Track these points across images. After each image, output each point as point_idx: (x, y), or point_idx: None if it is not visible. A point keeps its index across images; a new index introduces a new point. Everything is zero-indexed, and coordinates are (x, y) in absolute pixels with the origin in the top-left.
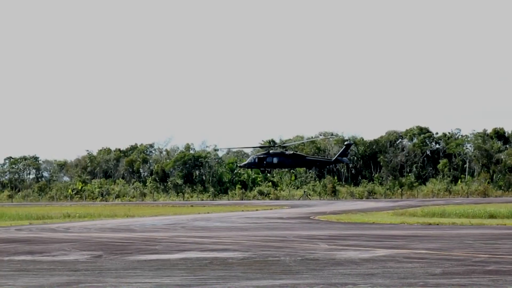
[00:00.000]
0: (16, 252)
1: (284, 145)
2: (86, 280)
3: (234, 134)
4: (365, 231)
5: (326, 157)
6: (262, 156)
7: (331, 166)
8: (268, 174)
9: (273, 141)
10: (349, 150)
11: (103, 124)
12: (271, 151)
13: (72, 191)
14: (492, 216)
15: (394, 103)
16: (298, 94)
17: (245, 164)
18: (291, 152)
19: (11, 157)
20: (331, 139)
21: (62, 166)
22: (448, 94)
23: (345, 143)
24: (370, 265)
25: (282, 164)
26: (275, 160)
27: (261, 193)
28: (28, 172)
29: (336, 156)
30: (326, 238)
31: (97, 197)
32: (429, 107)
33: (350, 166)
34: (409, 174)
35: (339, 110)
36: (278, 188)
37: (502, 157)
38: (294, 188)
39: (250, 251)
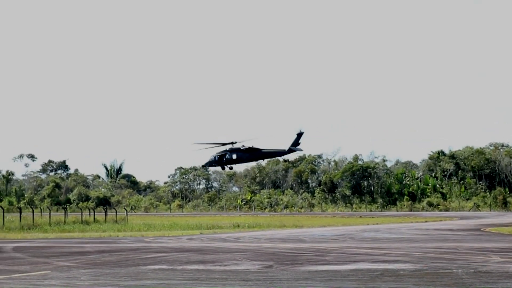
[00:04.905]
0: (188, 261)
1: (243, 141)
2: None
3: (401, 145)
4: None
5: (280, 148)
6: (221, 153)
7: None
8: (437, 186)
9: (442, 152)
10: (301, 139)
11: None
12: (228, 148)
13: (241, 201)
14: None
15: None
16: (468, 105)
17: (207, 163)
18: (247, 147)
19: (181, 168)
20: (501, 150)
21: (232, 176)
22: None
23: (297, 132)
24: None
25: (240, 159)
26: (233, 156)
27: (430, 204)
28: (198, 182)
29: (290, 145)
30: (499, 250)
31: (265, 207)
32: None
33: None
34: None
35: (509, 120)
36: (448, 199)
37: None
38: (463, 199)
39: (421, 263)
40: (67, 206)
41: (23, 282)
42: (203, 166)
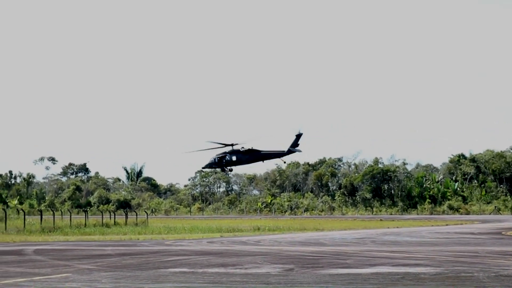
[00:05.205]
0: (209, 265)
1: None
2: None
3: (421, 149)
4: None
5: (279, 149)
6: (221, 155)
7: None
8: (458, 189)
9: (463, 155)
10: (300, 140)
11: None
12: (228, 150)
13: (262, 204)
14: None
15: None
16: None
17: (207, 165)
18: (247, 148)
19: (202, 171)
20: None
21: (252, 179)
22: None
23: (296, 133)
24: None
25: (240, 161)
26: (233, 158)
27: (450, 207)
28: (218, 185)
29: (289, 147)
30: None
31: (286, 211)
32: None
33: None
34: None
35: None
36: (468, 202)
37: None
38: (484, 203)
39: (442, 266)
40: (88, 209)
41: (44, 285)
42: (203, 167)
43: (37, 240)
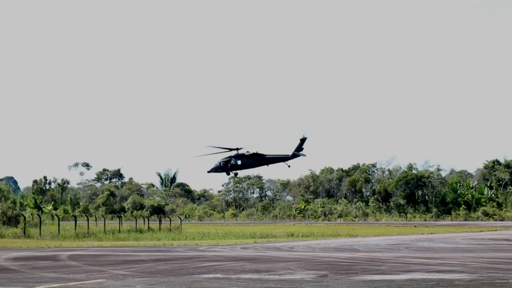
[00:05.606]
0: (243, 270)
1: (248, 147)
2: None
3: (456, 154)
4: None
5: (284, 153)
6: (226, 159)
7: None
8: (493, 195)
9: (497, 161)
10: (304, 144)
11: (325, 144)
12: (233, 154)
13: (295, 210)
14: None
15: None
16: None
17: (212, 169)
18: (251, 152)
19: (235, 177)
20: None
21: (285, 185)
22: None
23: (300, 138)
24: None
25: (244, 165)
26: (238, 162)
27: (485, 214)
28: (252, 191)
29: (293, 151)
30: None
31: (319, 216)
32: None
33: None
34: None
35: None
36: (503, 209)
37: None
38: None
39: (477, 273)
40: (122, 215)
41: None
42: (208, 172)
43: (71, 246)
